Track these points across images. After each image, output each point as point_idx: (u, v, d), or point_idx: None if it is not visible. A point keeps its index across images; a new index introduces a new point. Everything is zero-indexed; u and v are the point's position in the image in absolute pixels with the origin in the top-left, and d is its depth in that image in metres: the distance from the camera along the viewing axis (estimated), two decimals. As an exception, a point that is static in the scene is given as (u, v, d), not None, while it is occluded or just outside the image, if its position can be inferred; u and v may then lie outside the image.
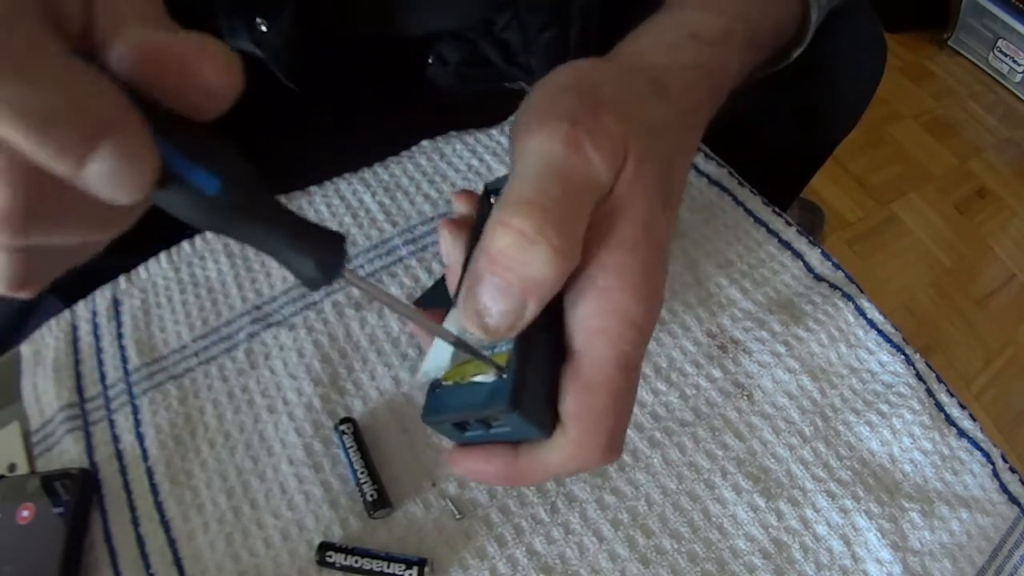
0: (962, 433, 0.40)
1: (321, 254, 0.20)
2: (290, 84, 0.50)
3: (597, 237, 0.26)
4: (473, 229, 0.30)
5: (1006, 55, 1.68)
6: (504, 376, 0.25)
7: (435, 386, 0.27)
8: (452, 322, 0.26)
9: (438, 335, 0.25)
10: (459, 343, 0.25)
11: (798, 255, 0.47)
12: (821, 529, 0.37)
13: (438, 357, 0.26)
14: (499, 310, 0.24)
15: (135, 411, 0.40)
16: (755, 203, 0.49)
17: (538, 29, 0.53)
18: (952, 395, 0.42)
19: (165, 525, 0.37)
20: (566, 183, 0.25)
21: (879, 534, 0.36)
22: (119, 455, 0.39)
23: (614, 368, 0.25)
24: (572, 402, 0.25)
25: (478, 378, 0.26)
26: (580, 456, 0.26)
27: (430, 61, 0.57)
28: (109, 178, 0.16)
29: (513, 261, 0.24)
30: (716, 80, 0.34)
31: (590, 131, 0.25)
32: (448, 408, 0.26)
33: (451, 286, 0.29)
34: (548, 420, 0.26)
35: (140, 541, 0.36)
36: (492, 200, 0.30)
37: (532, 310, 0.24)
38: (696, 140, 0.34)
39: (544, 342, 0.26)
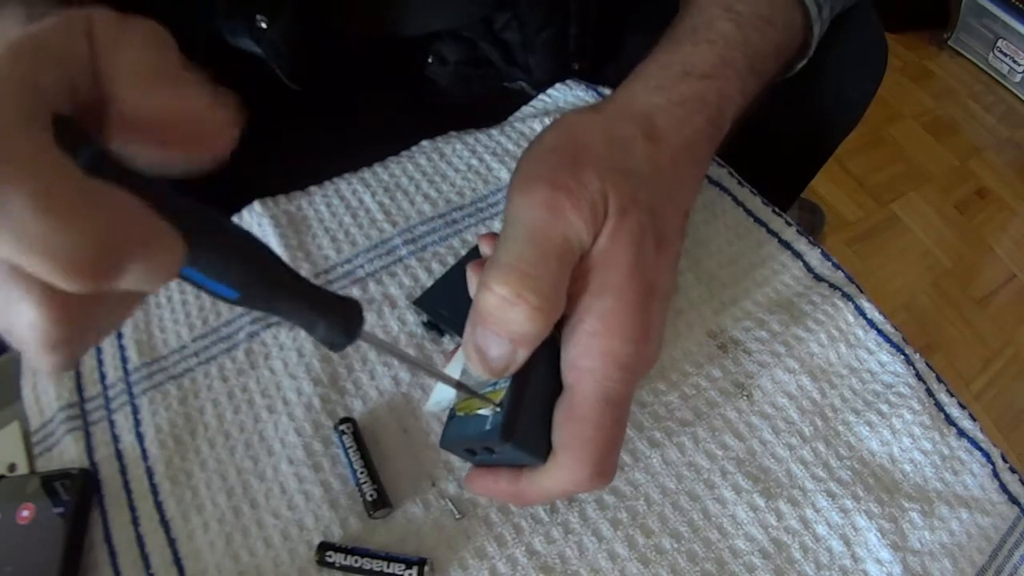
0: (962, 433, 0.40)
1: (342, 321, 0.23)
2: (290, 83, 0.50)
3: (583, 285, 0.29)
4: None
5: (1006, 55, 1.68)
6: (498, 410, 0.28)
7: (452, 415, 0.31)
8: (458, 360, 0.31)
9: (442, 380, 0.29)
10: (459, 385, 0.29)
11: (798, 255, 0.47)
12: (821, 529, 0.37)
13: (443, 393, 0.31)
14: (493, 355, 0.28)
15: (135, 411, 0.40)
16: (755, 203, 0.49)
17: (537, 29, 0.53)
18: (952, 395, 0.42)
19: (165, 525, 0.37)
20: (544, 245, 0.27)
21: (879, 534, 0.36)
22: (119, 455, 0.39)
23: (599, 403, 0.28)
24: (562, 433, 0.29)
25: (482, 411, 0.29)
26: (571, 481, 0.29)
27: (429, 60, 0.57)
28: (132, 284, 0.17)
29: (498, 320, 0.27)
30: (715, 110, 0.35)
31: (569, 192, 0.28)
32: (458, 435, 0.30)
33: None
34: (542, 448, 0.29)
35: (140, 541, 0.36)
36: None
37: (522, 355, 0.28)
38: (695, 176, 0.35)
39: (540, 377, 0.30)
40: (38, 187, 0.15)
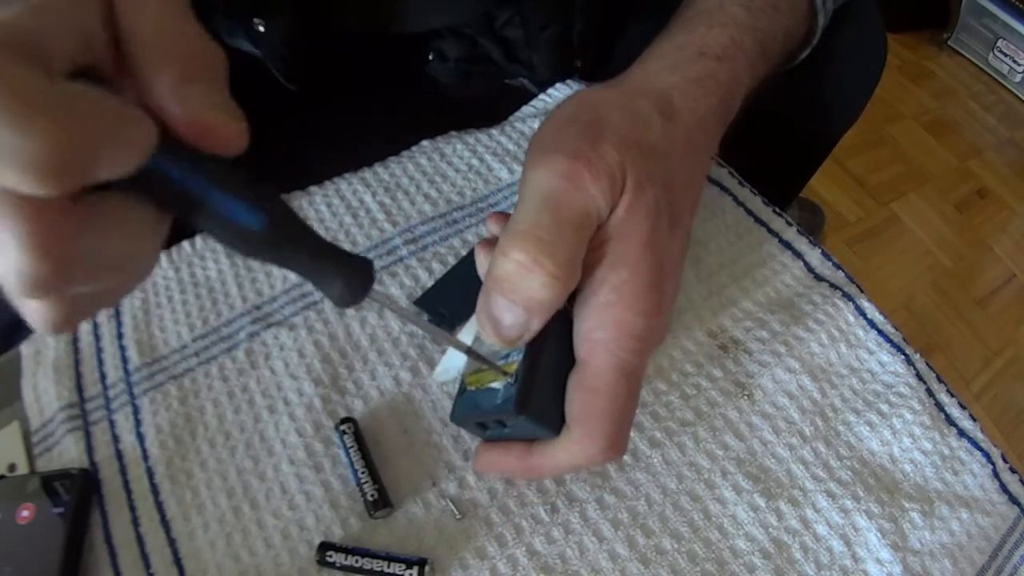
0: (962, 433, 0.40)
1: (352, 277, 0.22)
2: (287, 84, 0.50)
3: (598, 257, 0.28)
4: None
5: (1006, 55, 1.68)
6: (511, 381, 0.28)
7: (462, 390, 0.31)
8: (470, 328, 0.30)
9: (454, 346, 0.29)
10: (470, 352, 0.29)
11: (798, 255, 0.47)
12: (821, 529, 0.37)
13: (452, 361, 0.31)
14: (507, 324, 0.27)
15: (135, 411, 0.40)
16: (755, 203, 0.49)
17: (541, 25, 0.53)
18: (952, 395, 0.42)
19: (165, 525, 0.37)
20: (562, 213, 0.27)
21: (879, 534, 0.36)
22: (119, 455, 0.39)
23: (613, 375, 0.28)
24: (575, 405, 0.28)
25: (494, 384, 0.29)
26: (584, 454, 0.29)
27: (430, 58, 0.57)
28: (108, 173, 0.17)
29: (514, 286, 0.27)
30: (726, 90, 0.35)
31: (589, 163, 0.28)
32: (470, 409, 0.30)
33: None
34: (556, 420, 0.29)
35: (140, 541, 0.36)
36: None
37: (536, 324, 0.27)
38: (706, 156, 0.35)
39: (553, 350, 0.29)
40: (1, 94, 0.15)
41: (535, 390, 0.28)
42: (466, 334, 0.30)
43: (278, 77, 0.49)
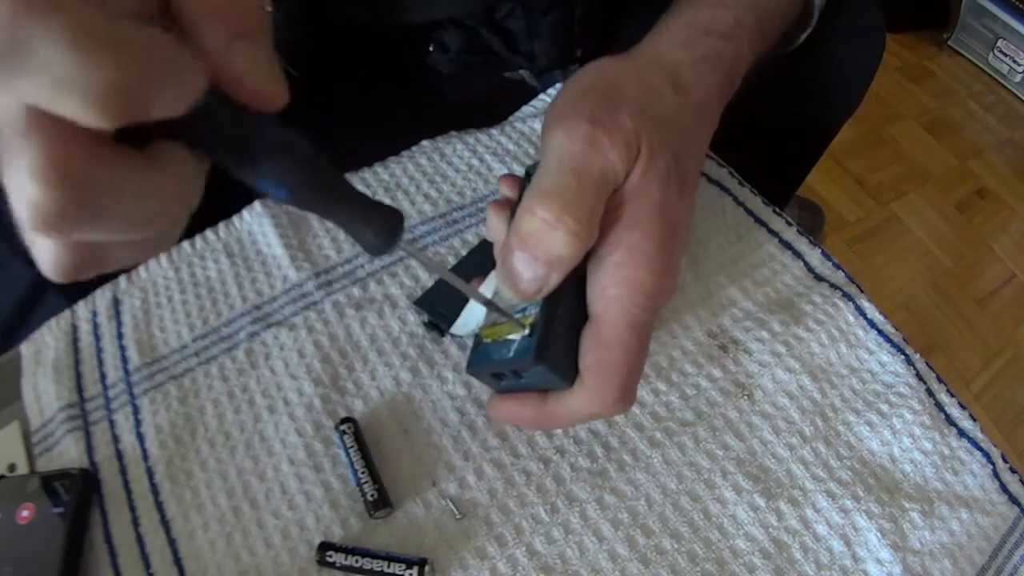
0: (962, 433, 0.40)
1: (382, 225, 0.23)
2: (291, 69, 0.49)
3: (614, 219, 0.30)
4: (514, 208, 0.34)
5: (1006, 55, 1.68)
6: (529, 333, 0.30)
7: (478, 342, 0.32)
8: (489, 283, 0.32)
9: (473, 297, 0.30)
10: (490, 304, 0.30)
11: (798, 255, 0.47)
12: (821, 529, 0.37)
13: (472, 315, 0.32)
14: (527, 277, 0.29)
15: (135, 411, 0.40)
16: (755, 203, 0.49)
17: (542, 12, 0.54)
18: (952, 395, 0.42)
19: (165, 525, 0.37)
20: (583, 175, 0.29)
21: (879, 534, 0.36)
22: (119, 455, 0.39)
23: (626, 329, 0.30)
24: (590, 357, 0.30)
25: (511, 336, 0.30)
26: (596, 403, 0.30)
27: (431, 49, 0.57)
28: (159, 111, 0.18)
29: (538, 241, 0.29)
30: (728, 68, 0.37)
31: (607, 129, 0.30)
32: (486, 360, 0.31)
33: (496, 257, 0.34)
34: (570, 371, 0.31)
35: (140, 541, 0.36)
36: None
37: (555, 279, 0.29)
38: (710, 129, 0.37)
39: (567, 306, 0.31)
40: (65, 23, 0.15)
41: (552, 341, 0.30)
42: (485, 289, 0.32)
43: (283, 63, 0.49)
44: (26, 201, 0.17)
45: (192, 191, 0.21)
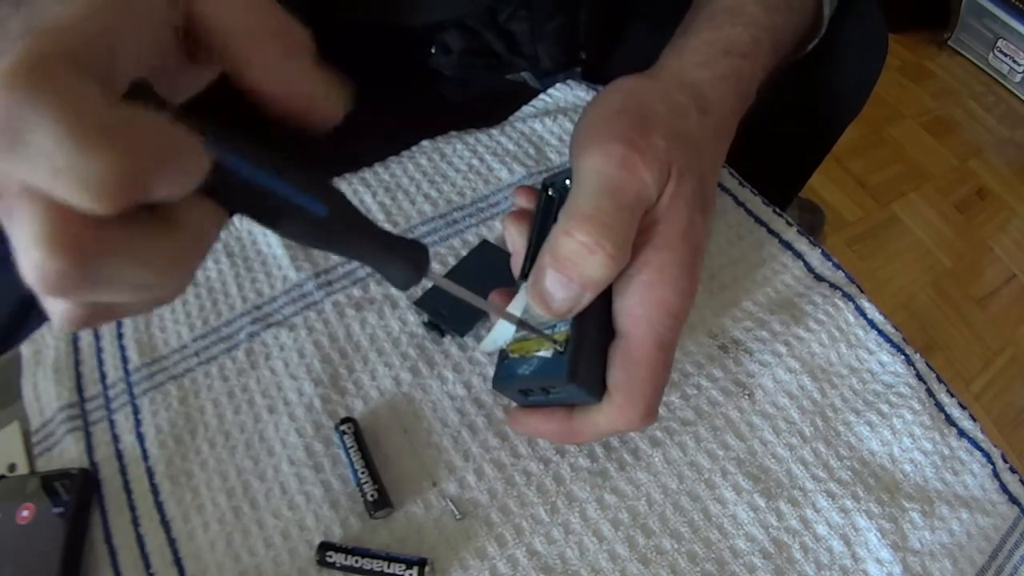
0: (962, 433, 0.40)
1: (410, 261, 0.24)
2: None
3: (643, 240, 0.31)
4: (533, 219, 0.36)
5: (1006, 55, 1.68)
6: (561, 351, 0.30)
7: (503, 357, 0.33)
8: (519, 300, 0.33)
9: (505, 319, 0.31)
10: (522, 324, 0.31)
11: (799, 255, 0.47)
12: (821, 529, 0.37)
13: (502, 332, 0.32)
14: (561, 297, 0.30)
15: (135, 411, 0.40)
16: (756, 203, 0.49)
17: (547, 16, 0.54)
18: (952, 395, 0.42)
19: (165, 525, 0.37)
20: (620, 199, 0.30)
21: (879, 534, 0.36)
22: (119, 455, 0.39)
23: (653, 347, 0.30)
24: (618, 374, 0.31)
25: (540, 352, 0.31)
26: (623, 419, 0.31)
27: (432, 51, 0.57)
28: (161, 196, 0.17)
29: (575, 264, 0.29)
30: (746, 87, 0.38)
31: (641, 152, 0.30)
32: (515, 376, 0.32)
33: (515, 269, 0.35)
34: (598, 388, 0.31)
35: (140, 541, 0.36)
36: (550, 192, 0.36)
37: (588, 298, 0.30)
38: (727, 146, 0.38)
39: (596, 323, 0.31)
40: (63, 113, 0.15)
41: (582, 359, 0.30)
42: (515, 306, 0.32)
43: None
44: (29, 264, 0.16)
45: (206, 245, 0.20)
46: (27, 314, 0.47)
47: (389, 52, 0.57)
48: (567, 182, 0.35)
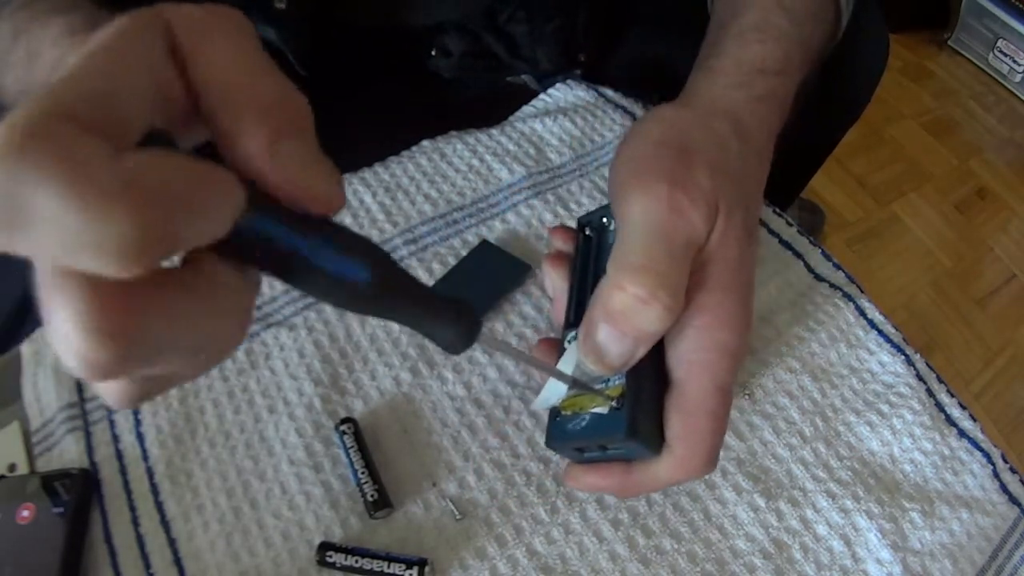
0: (962, 434, 0.40)
1: (460, 324, 0.23)
2: (299, 68, 0.49)
3: (695, 282, 0.29)
4: (572, 261, 0.34)
5: (1006, 55, 1.68)
6: (616, 406, 0.29)
7: (555, 414, 0.31)
8: (569, 356, 0.31)
9: (558, 378, 0.30)
10: (576, 383, 0.30)
11: (799, 255, 0.47)
12: (821, 529, 0.37)
13: (554, 390, 0.30)
14: (616, 352, 0.28)
15: (135, 411, 0.40)
16: (755, 203, 0.49)
17: (545, 18, 0.54)
18: (952, 395, 0.42)
19: (165, 525, 0.37)
20: (671, 245, 0.28)
21: (879, 534, 0.36)
22: (119, 455, 0.39)
23: (713, 394, 0.29)
24: (678, 426, 0.29)
25: (595, 409, 0.29)
26: (685, 470, 0.29)
27: (432, 53, 0.57)
28: (196, 241, 0.16)
29: (628, 318, 0.27)
30: (783, 104, 0.37)
31: (687, 191, 0.29)
32: (570, 435, 0.30)
33: (557, 315, 0.34)
34: (656, 441, 0.30)
35: (140, 541, 0.36)
36: (587, 232, 0.35)
37: (642, 352, 0.28)
38: (767, 170, 0.36)
39: (650, 374, 0.30)
40: (65, 177, 0.13)
41: (640, 415, 0.29)
42: (566, 363, 0.31)
43: (292, 61, 0.49)
44: (68, 350, 0.15)
45: (252, 298, 0.19)
46: (27, 314, 0.47)
47: (389, 54, 0.57)
48: (603, 220, 0.34)
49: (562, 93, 0.56)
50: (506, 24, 0.55)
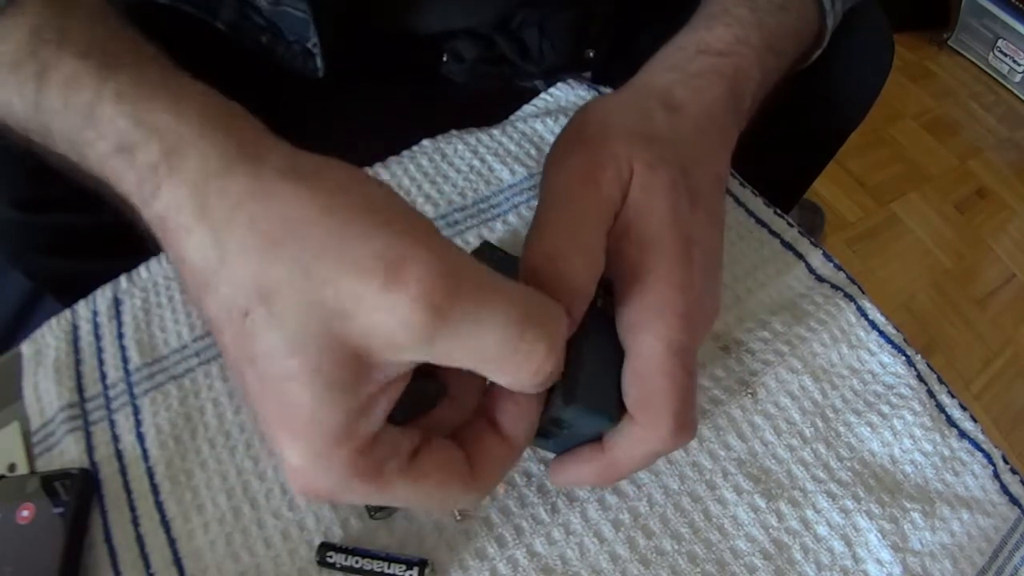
0: (963, 434, 0.40)
1: None
2: (314, 69, 0.50)
3: (625, 242, 0.29)
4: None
5: (1006, 55, 1.68)
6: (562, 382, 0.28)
7: None
8: None
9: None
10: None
11: (800, 256, 0.47)
12: (822, 530, 0.37)
13: None
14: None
15: (136, 411, 0.40)
16: (756, 204, 0.49)
17: (558, 6, 0.53)
18: (953, 396, 0.42)
19: (165, 525, 0.37)
20: (578, 214, 0.28)
21: (880, 535, 0.36)
22: (119, 455, 0.39)
23: (663, 354, 0.27)
24: (632, 391, 0.28)
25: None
26: (651, 438, 0.28)
27: (444, 59, 0.57)
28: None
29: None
30: (732, 81, 0.36)
31: (597, 157, 0.29)
32: None
33: None
34: (612, 408, 0.29)
35: (140, 541, 0.36)
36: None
37: (557, 357, 0.26)
38: (721, 144, 0.35)
39: (596, 346, 0.29)
40: (518, 314, 0.22)
41: (582, 381, 0.28)
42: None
43: (315, 56, 0.49)
44: (442, 505, 0.21)
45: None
46: (27, 314, 0.47)
47: (401, 58, 0.57)
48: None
49: (563, 93, 0.55)
50: (519, 29, 0.55)
